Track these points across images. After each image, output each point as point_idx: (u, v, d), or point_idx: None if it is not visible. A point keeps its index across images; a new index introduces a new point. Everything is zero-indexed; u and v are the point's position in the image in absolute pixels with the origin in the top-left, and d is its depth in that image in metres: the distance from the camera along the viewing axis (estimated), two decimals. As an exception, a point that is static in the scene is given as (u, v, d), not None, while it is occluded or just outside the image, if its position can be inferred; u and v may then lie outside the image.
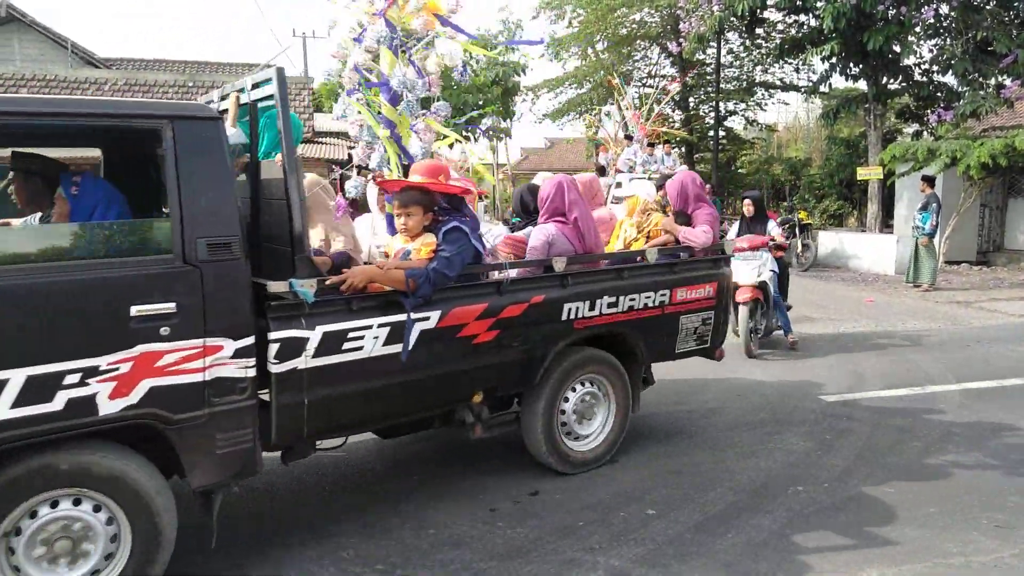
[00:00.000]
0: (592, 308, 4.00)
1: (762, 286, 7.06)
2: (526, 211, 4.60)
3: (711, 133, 24.37)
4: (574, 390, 4.15)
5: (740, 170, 26.58)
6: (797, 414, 5.30)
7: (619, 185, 15.41)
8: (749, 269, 7.01)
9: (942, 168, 13.32)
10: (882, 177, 15.58)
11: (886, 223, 17.48)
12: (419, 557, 3.30)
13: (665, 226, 4.76)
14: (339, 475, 4.27)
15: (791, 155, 28.18)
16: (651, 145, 16.18)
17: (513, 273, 3.81)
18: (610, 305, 4.09)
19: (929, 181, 12.32)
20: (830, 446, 4.63)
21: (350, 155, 4.78)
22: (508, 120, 21.30)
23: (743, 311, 6.92)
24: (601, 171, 17.75)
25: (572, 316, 3.92)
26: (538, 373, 3.87)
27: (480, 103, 17.74)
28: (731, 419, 5.21)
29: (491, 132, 26.04)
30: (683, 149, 24.28)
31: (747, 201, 7.57)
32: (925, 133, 16.60)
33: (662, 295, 4.32)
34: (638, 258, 4.42)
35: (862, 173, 16.04)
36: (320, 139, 16.11)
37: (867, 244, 15.22)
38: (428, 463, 4.43)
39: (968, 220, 15.38)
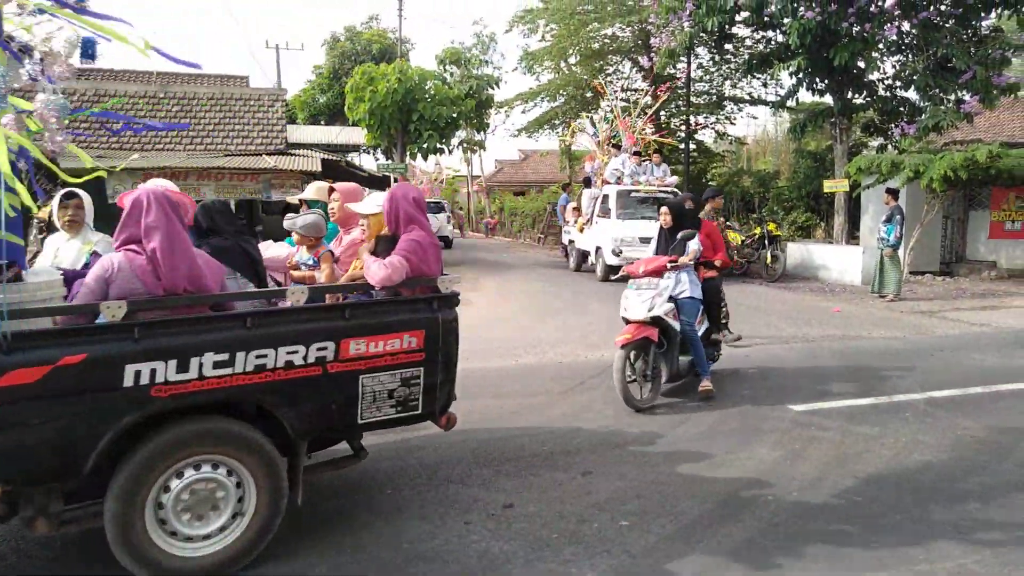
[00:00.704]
0: (184, 369, 2.96)
1: (656, 322, 5.78)
2: (198, 230, 3.82)
3: (682, 146, 24.69)
4: (180, 476, 3.07)
5: (711, 183, 26.93)
6: (767, 423, 5.38)
7: (605, 198, 15.16)
8: (639, 302, 5.80)
9: (906, 181, 13.64)
10: (848, 189, 15.91)
11: (852, 234, 17.81)
12: (394, 572, 3.29)
13: (361, 256, 3.82)
14: (309, 491, 4.24)
15: (760, 168, 28.63)
16: (637, 154, 15.72)
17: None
18: (221, 364, 3.04)
19: (893, 194, 12.62)
20: (799, 455, 4.70)
21: None
22: (482, 133, 21.44)
23: (619, 356, 5.63)
24: (586, 182, 17.63)
25: (145, 381, 2.90)
26: (88, 460, 2.86)
27: (454, 115, 17.79)
28: (703, 429, 5.28)
29: (465, 144, 26.18)
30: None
31: (664, 210, 6.35)
32: (889, 147, 16.99)
33: (320, 349, 3.26)
34: (275, 299, 3.51)
35: (829, 186, 16.36)
36: (293, 151, 16.02)
37: (834, 255, 15.51)
38: (400, 476, 4.41)
39: (931, 231, 15.75)
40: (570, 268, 17.63)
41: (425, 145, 17.47)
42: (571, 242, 18.02)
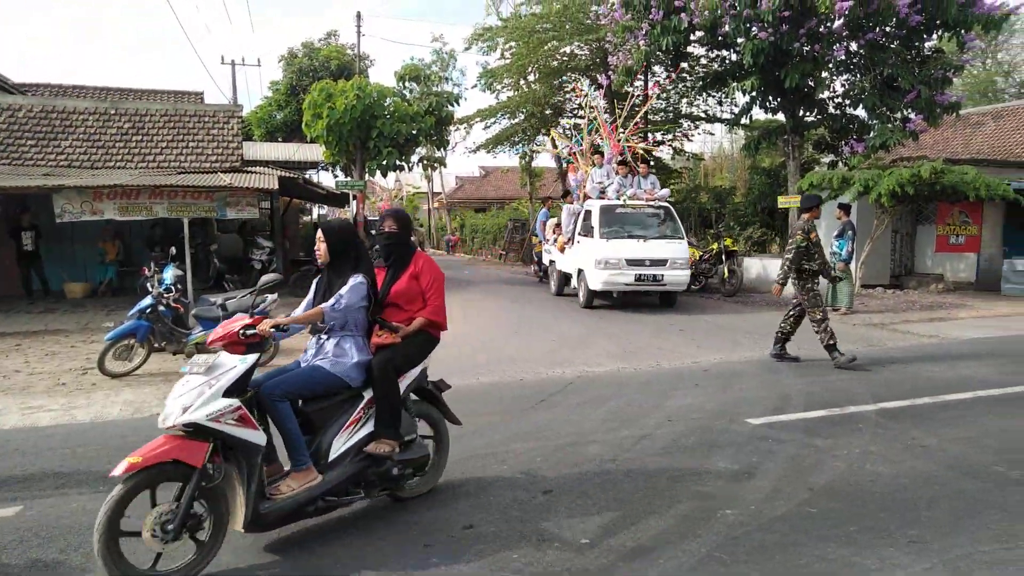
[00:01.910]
0: None
1: (204, 432, 3.35)
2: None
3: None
4: None
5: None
6: (725, 437, 5.44)
7: (588, 215, 13.63)
8: (176, 397, 3.39)
9: (855, 196, 14.04)
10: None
11: (807, 249, 18.18)
12: (350, 598, 3.22)
13: None
14: (267, 515, 4.13)
15: (717, 184, 29.15)
16: (623, 163, 14.39)
17: None
18: None
19: (845, 209, 12.96)
20: (756, 468, 4.76)
21: None
22: (442, 150, 21.45)
23: (112, 496, 3.22)
24: (565, 195, 16.37)
25: None
26: None
27: (414, 132, 17.76)
28: (663, 445, 5.30)
29: (425, 161, 26.14)
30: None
31: (319, 237, 4.16)
32: (840, 163, 17.46)
33: None
34: None
35: (783, 201, 16.72)
36: (250, 168, 15.80)
37: (789, 269, 15.79)
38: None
39: (881, 246, 16.21)
40: (551, 292, 15.95)
41: (384, 162, 17.39)
42: (551, 263, 16.33)
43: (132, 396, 7.24)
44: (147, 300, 8.23)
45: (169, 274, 9.42)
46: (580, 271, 13.54)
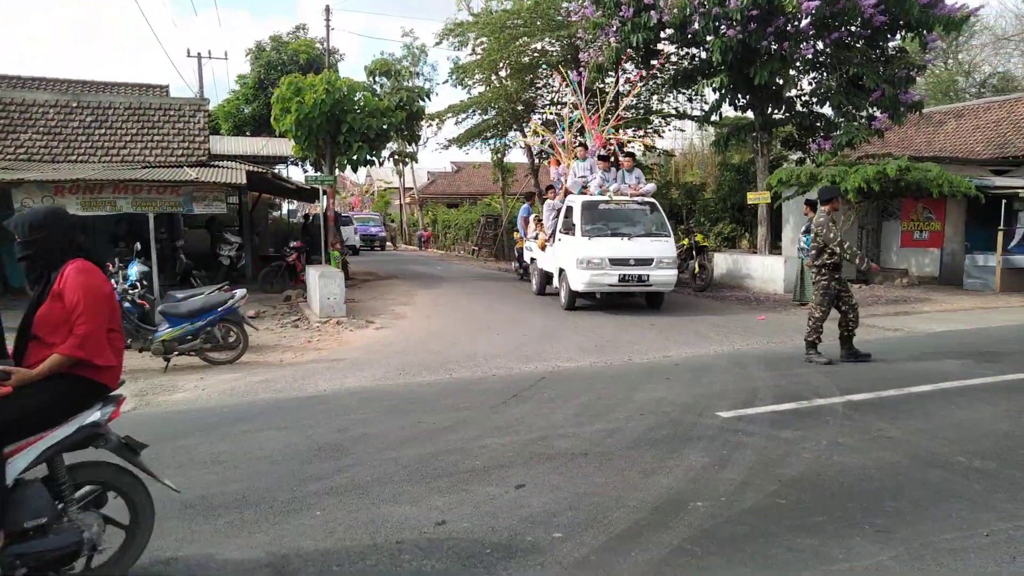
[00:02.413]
0: None
1: None
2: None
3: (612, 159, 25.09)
4: None
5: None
6: (696, 430, 5.49)
7: (569, 211, 12.85)
8: None
9: (823, 193, 14.21)
10: (770, 201, 16.48)
11: (775, 244, 18.46)
12: (321, 596, 3.19)
13: None
14: (233, 512, 4.08)
15: (688, 180, 29.40)
16: (604, 159, 13.59)
17: None
18: None
19: (811, 205, 13.12)
20: (727, 461, 4.81)
21: None
22: (413, 145, 21.29)
23: None
24: (547, 189, 15.19)
25: None
26: None
27: (384, 127, 17.61)
28: (634, 438, 5.34)
29: (396, 156, 25.95)
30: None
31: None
32: (807, 160, 17.71)
33: None
34: None
35: (752, 197, 16.92)
36: (217, 163, 15.55)
37: (758, 265, 16.03)
38: (327, 496, 4.30)
39: (848, 241, 16.45)
40: (532, 291, 15.26)
41: (355, 157, 17.21)
42: (532, 260, 15.74)
43: (96, 395, 7.08)
44: (111, 297, 8.06)
45: (134, 270, 9.25)
46: (561, 271, 12.81)
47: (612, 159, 13.90)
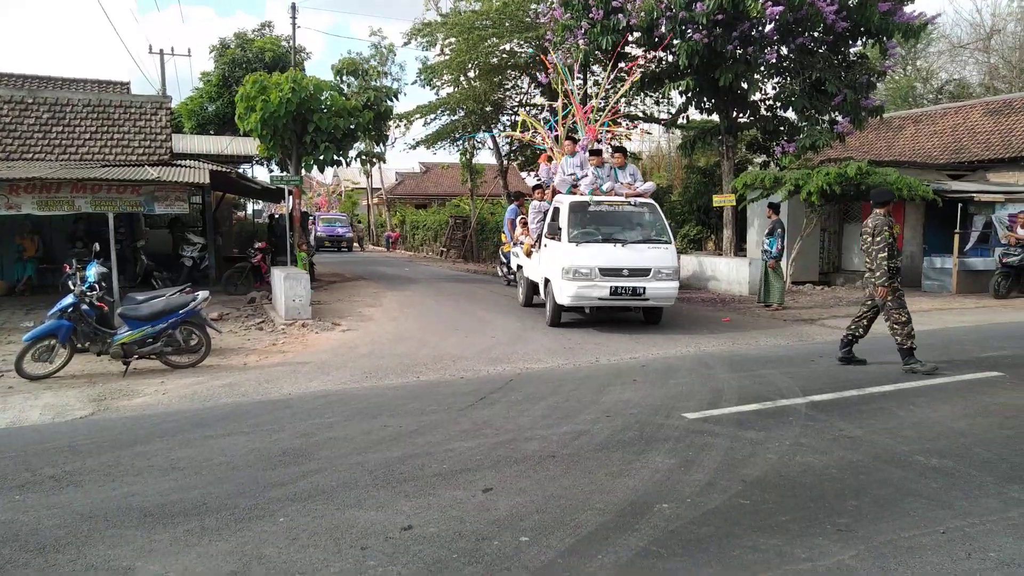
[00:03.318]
0: None
1: None
2: None
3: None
4: None
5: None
6: (662, 432, 5.52)
7: (556, 213, 11.42)
8: None
9: (787, 196, 14.48)
10: (735, 204, 16.70)
11: (740, 247, 18.71)
12: (284, 605, 3.13)
13: None
14: (193, 520, 3.99)
15: (655, 182, 29.64)
16: (596, 153, 11.95)
17: None
18: None
19: (774, 208, 13.35)
20: (692, 462, 4.84)
21: None
22: (381, 145, 21.14)
23: None
24: (534, 188, 13.67)
25: None
26: None
27: (352, 127, 17.46)
28: (601, 440, 5.35)
29: (364, 156, 25.73)
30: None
31: None
32: (772, 163, 17.98)
33: None
34: None
35: (717, 200, 17.13)
36: (179, 162, 15.27)
37: (724, 267, 16.23)
38: (291, 503, 4.23)
39: (811, 243, 16.76)
40: (519, 301, 13.73)
41: (322, 157, 17.05)
42: (519, 268, 14.12)
43: (53, 399, 6.90)
44: (69, 298, 7.87)
45: (93, 271, 9.02)
46: (547, 281, 11.27)
47: (599, 153, 12.20)
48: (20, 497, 4.37)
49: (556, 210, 11.49)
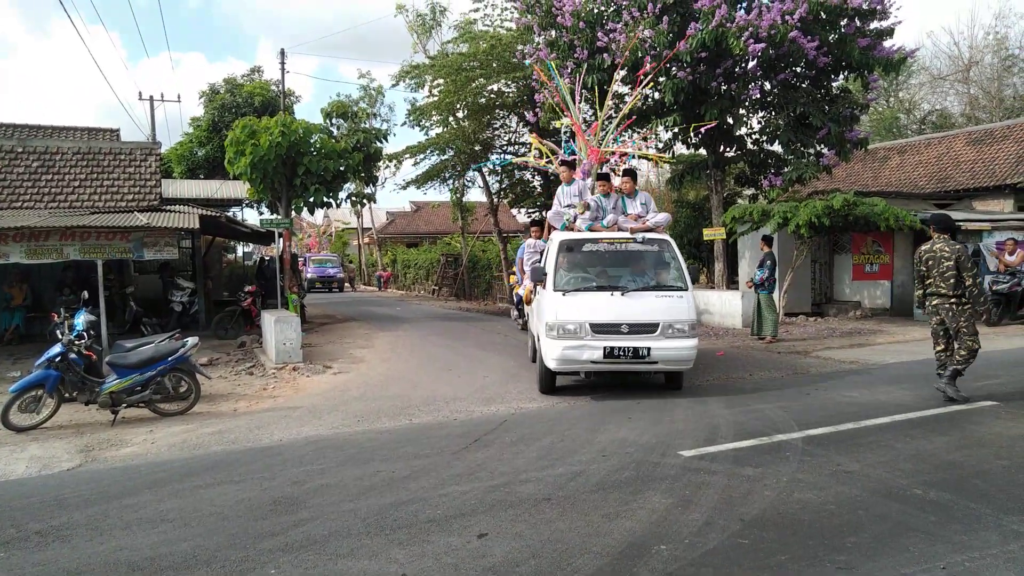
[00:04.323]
0: None
1: None
2: None
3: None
4: None
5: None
6: (658, 471, 5.46)
7: (541, 257, 10.15)
8: None
9: (776, 228, 14.59)
10: (725, 237, 16.81)
11: (732, 279, 18.78)
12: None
13: None
14: (183, 573, 3.90)
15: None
16: (603, 178, 9.95)
17: None
18: None
19: (767, 241, 13.45)
20: (689, 501, 4.78)
21: None
22: (371, 186, 21.28)
23: None
24: (532, 224, 13.01)
25: None
26: None
27: (341, 169, 17.58)
28: (597, 480, 5.28)
29: (354, 198, 25.90)
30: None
31: None
32: (760, 196, 18.15)
33: None
34: None
35: (708, 234, 17.24)
36: (168, 207, 15.29)
37: (716, 300, 16.26)
38: (282, 553, 4.14)
39: (802, 275, 16.85)
40: (527, 356, 11.43)
41: (312, 199, 17.14)
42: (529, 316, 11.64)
43: (40, 451, 6.78)
44: (57, 348, 7.79)
45: (81, 319, 8.96)
46: (536, 338, 9.50)
47: (607, 178, 10.04)
48: (4, 555, 4.26)
49: (541, 255, 10.08)
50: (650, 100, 17.68)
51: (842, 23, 14.91)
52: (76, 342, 7.97)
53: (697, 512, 4.58)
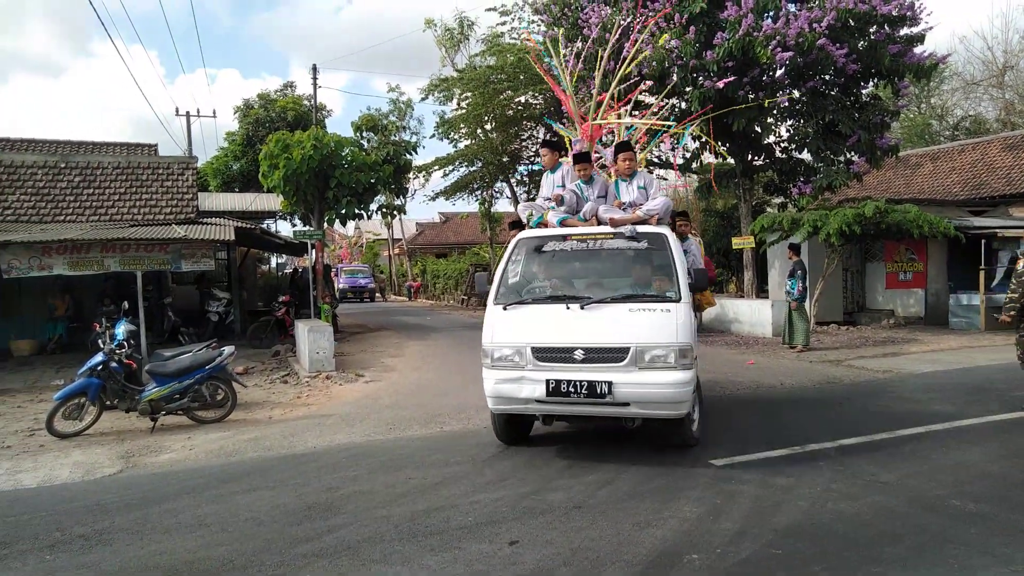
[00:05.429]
0: None
1: None
2: None
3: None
4: None
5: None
6: (689, 480, 5.45)
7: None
8: None
9: (806, 236, 14.45)
10: (754, 245, 16.69)
11: (761, 288, 18.61)
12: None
13: None
14: (221, 574, 3.99)
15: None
16: (581, 159, 7.06)
17: None
18: None
19: (795, 249, 13.32)
20: (721, 511, 4.76)
21: None
22: (401, 197, 21.55)
23: None
24: (513, 225, 11.03)
25: None
26: None
27: (372, 181, 17.82)
28: (628, 489, 5.28)
29: (384, 209, 26.19)
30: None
31: None
32: (789, 205, 17.99)
33: None
34: None
35: (737, 242, 17.13)
36: (205, 219, 15.62)
37: (746, 309, 16.13)
38: (317, 559, 4.21)
39: (834, 283, 16.64)
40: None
41: (343, 211, 17.40)
42: None
43: (83, 457, 6.97)
44: (98, 357, 8.00)
45: (121, 329, 9.19)
46: None
47: (588, 159, 7.25)
48: (51, 557, 4.40)
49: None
50: (676, 109, 17.66)
51: (871, 30, 14.77)
52: (117, 351, 8.18)
53: (729, 521, 4.57)
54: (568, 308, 5.99)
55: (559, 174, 7.42)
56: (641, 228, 6.42)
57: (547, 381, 5.77)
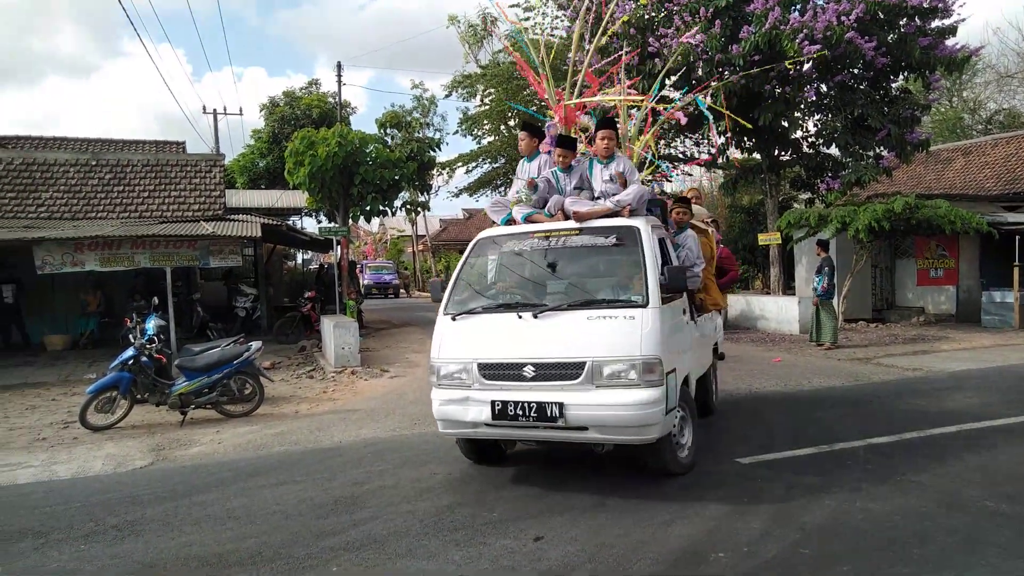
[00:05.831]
0: None
1: None
2: None
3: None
4: None
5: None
6: (715, 477, 5.41)
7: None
8: None
9: (834, 233, 14.26)
10: (781, 242, 16.50)
11: (788, 285, 18.40)
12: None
13: None
14: (249, 569, 4.05)
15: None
16: (564, 144, 6.21)
17: None
18: None
19: (823, 246, 13.15)
20: (747, 509, 4.73)
21: None
22: (425, 194, 21.64)
23: None
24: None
25: None
26: None
27: (396, 178, 17.90)
28: (652, 486, 5.26)
29: (408, 206, 26.31)
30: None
31: None
32: (817, 200, 17.76)
33: None
34: None
35: (763, 239, 16.95)
36: (232, 216, 15.82)
37: (772, 306, 15.97)
38: (343, 552, 4.26)
39: (862, 280, 16.41)
40: None
41: (368, 208, 17.51)
42: None
43: (115, 449, 7.11)
44: (129, 351, 8.15)
45: (152, 324, 9.35)
46: None
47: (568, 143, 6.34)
48: (85, 547, 4.50)
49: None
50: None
51: (901, 22, 14.51)
52: (147, 346, 8.32)
53: (755, 520, 4.53)
54: (520, 317, 5.25)
55: (535, 163, 6.69)
56: (609, 222, 5.65)
57: (492, 403, 5.10)
